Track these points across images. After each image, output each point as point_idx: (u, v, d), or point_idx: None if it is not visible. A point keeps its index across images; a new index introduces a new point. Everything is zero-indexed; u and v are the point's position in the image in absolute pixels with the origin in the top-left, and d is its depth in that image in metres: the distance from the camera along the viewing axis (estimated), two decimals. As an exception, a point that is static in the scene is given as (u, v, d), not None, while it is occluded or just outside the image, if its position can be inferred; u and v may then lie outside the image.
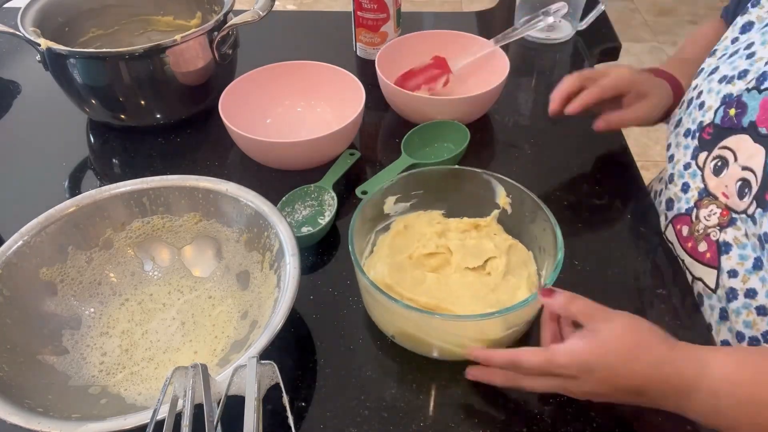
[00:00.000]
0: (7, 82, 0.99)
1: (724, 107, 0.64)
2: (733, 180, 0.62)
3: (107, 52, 0.79)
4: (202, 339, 0.60)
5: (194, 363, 0.45)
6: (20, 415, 0.46)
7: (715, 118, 0.65)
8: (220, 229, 0.65)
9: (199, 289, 0.64)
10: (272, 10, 0.83)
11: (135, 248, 0.65)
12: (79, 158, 0.85)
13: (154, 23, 0.96)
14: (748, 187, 0.60)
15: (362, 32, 0.95)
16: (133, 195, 0.64)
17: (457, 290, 0.59)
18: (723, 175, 0.63)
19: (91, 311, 0.61)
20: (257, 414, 0.42)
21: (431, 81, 0.89)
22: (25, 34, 0.78)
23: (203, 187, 0.64)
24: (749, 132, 0.61)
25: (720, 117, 0.65)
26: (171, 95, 0.84)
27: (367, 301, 0.60)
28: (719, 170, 0.64)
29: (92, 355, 0.59)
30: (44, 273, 0.59)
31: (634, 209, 0.76)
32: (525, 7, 1.03)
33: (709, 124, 0.66)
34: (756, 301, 0.59)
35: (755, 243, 0.59)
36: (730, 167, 0.63)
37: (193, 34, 0.79)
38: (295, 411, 0.55)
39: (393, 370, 0.59)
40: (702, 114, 0.67)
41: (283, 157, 0.77)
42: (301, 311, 0.63)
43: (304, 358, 0.59)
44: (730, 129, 0.63)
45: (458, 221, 0.66)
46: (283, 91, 0.86)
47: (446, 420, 0.55)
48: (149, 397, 0.55)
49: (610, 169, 0.81)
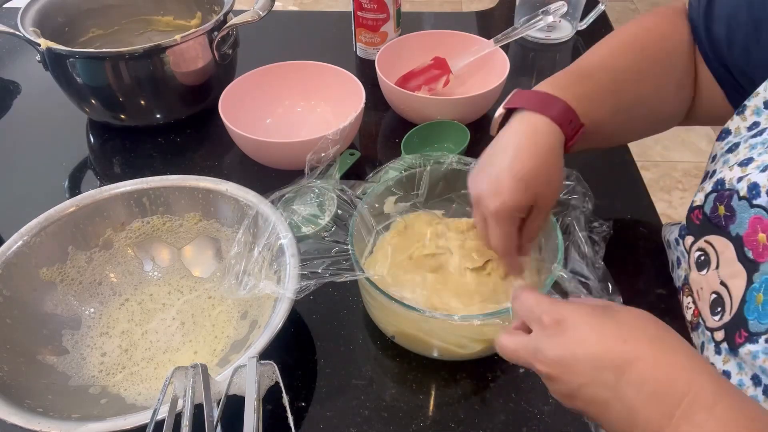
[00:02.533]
0: (7, 82, 0.99)
1: (715, 198, 0.54)
2: (709, 290, 0.53)
3: (107, 52, 0.79)
4: (202, 339, 0.60)
5: (194, 363, 0.45)
6: (20, 415, 0.46)
7: (705, 204, 0.55)
8: (220, 229, 0.65)
9: (198, 289, 0.64)
10: (272, 10, 0.83)
11: (135, 248, 0.65)
12: (79, 158, 0.85)
13: (154, 23, 0.96)
14: (721, 306, 0.51)
15: (362, 32, 0.95)
16: (133, 195, 0.64)
17: (457, 290, 0.59)
18: (704, 273, 0.54)
19: (91, 311, 0.61)
20: (257, 414, 0.42)
21: (431, 81, 0.89)
22: (25, 34, 0.78)
23: (203, 187, 0.64)
24: (735, 245, 0.51)
25: (710, 207, 0.55)
26: (171, 95, 0.84)
27: (367, 301, 0.60)
28: (701, 266, 0.55)
29: (92, 355, 0.58)
30: (44, 273, 0.59)
31: (634, 209, 0.75)
32: (525, 6, 1.03)
33: (699, 207, 0.56)
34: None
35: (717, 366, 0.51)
36: (710, 272, 0.53)
37: (193, 34, 0.79)
38: (295, 411, 0.55)
39: (393, 370, 0.59)
40: (697, 191, 0.57)
41: (283, 157, 0.77)
42: (301, 311, 0.63)
43: (304, 358, 0.59)
44: (717, 227, 0.53)
45: (458, 221, 0.66)
46: (283, 91, 0.86)
47: (446, 420, 0.54)
48: (149, 397, 0.55)
49: (610, 169, 0.81)
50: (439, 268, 0.62)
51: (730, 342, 0.50)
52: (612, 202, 0.76)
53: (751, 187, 0.49)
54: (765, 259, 0.48)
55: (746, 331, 0.48)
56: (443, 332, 0.55)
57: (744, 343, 0.48)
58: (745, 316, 0.49)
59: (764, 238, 0.48)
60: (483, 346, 0.56)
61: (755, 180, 0.49)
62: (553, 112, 0.55)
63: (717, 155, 0.59)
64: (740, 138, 0.56)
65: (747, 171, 0.51)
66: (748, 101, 0.55)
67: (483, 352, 0.57)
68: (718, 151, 0.59)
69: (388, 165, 0.68)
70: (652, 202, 0.76)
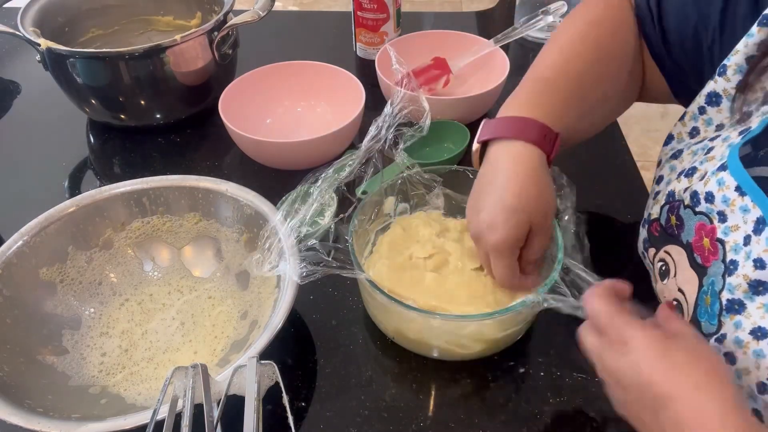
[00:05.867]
0: (7, 82, 0.99)
1: (667, 210, 0.55)
2: (671, 296, 0.54)
3: (107, 52, 0.79)
4: (202, 339, 0.60)
5: (194, 363, 0.45)
6: (20, 415, 0.46)
7: (661, 217, 0.56)
8: (220, 229, 0.65)
9: (198, 289, 0.64)
10: (272, 10, 0.83)
11: (135, 248, 0.65)
12: (79, 158, 0.85)
13: (154, 23, 0.96)
14: (681, 312, 0.52)
15: (362, 32, 0.95)
16: (133, 195, 0.64)
17: (457, 290, 0.59)
18: (665, 282, 0.55)
19: (91, 311, 0.61)
20: (257, 414, 0.42)
21: (431, 81, 0.89)
22: (25, 34, 0.78)
23: (203, 187, 0.64)
24: (687, 251, 0.52)
25: (664, 219, 0.55)
26: (171, 95, 0.84)
27: (367, 301, 0.60)
28: (663, 275, 0.55)
29: (92, 355, 0.58)
30: (44, 273, 0.59)
31: (634, 209, 0.75)
32: (525, 6, 1.03)
33: (656, 220, 0.57)
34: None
35: None
36: (670, 280, 0.54)
37: (193, 34, 0.79)
38: (295, 411, 0.55)
39: (393, 370, 0.59)
40: (652, 205, 0.58)
41: (283, 157, 0.77)
42: (301, 311, 0.63)
43: (304, 358, 0.59)
44: (672, 237, 0.54)
45: (458, 221, 0.66)
46: (283, 91, 0.86)
47: (446, 420, 0.55)
48: (149, 397, 0.55)
49: (610, 169, 0.81)
50: (439, 268, 0.62)
51: None
52: (612, 202, 0.76)
53: (693, 195, 0.50)
54: (710, 263, 0.49)
55: (701, 333, 0.49)
56: (443, 332, 0.55)
57: None
58: (698, 319, 0.49)
59: (708, 242, 0.49)
60: (483, 346, 0.56)
61: (695, 188, 0.50)
62: (528, 135, 0.55)
63: (662, 161, 0.60)
64: (683, 144, 0.58)
65: (692, 181, 0.52)
66: (688, 107, 0.57)
67: (483, 352, 0.57)
68: (663, 157, 0.60)
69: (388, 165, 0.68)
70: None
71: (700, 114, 0.56)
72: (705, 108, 0.56)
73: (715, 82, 0.54)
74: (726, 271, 0.47)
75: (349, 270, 0.54)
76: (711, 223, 0.49)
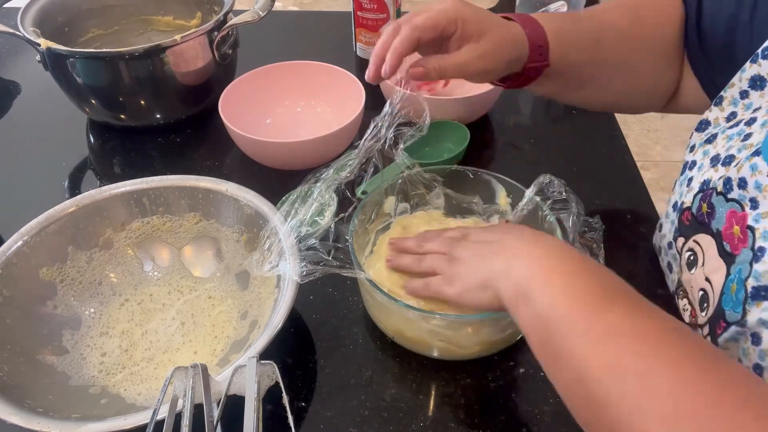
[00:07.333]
0: (7, 82, 0.99)
1: (700, 198, 0.55)
2: (697, 286, 0.54)
3: (107, 52, 0.79)
4: (202, 339, 0.60)
5: (194, 363, 0.45)
6: (20, 415, 0.46)
7: (693, 205, 0.56)
8: (220, 229, 0.65)
9: (198, 289, 0.64)
10: (272, 10, 0.83)
11: (135, 248, 0.65)
12: (79, 158, 0.85)
13: (154, 23, 0.96)
14: (706, 302, 0.52)
15: (362, 32, 0.95)
16: (133, 195, 0.64)
17: (457, 290, 0.59)
18: (693, 272, 0.55)
19: (91, 311, 0.61)
20: (257, 414, 0.42)
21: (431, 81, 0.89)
22: (25, 34, 0.78)
23: (203, 187, 0.64)
24: (716, 240, 0.52)
25: (696, 207, 0.56)
26: (171, 95, 0.84)
27: (367, 301, 0.60)
28: (690, 266, 0.55)
29: (92, 355, 0.58)
30: (44, 273, 0.59)
31: (634, 209, 0.75)
32: (525, 6, 1.03)
33: (688, 209, 0.57)
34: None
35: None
36: (697, 269, 0.54)
37: (193, 34, 0.79)
38: (295, 411, 0.55)
39: (393, 370, 0.59)
40: (685, 193, 0.58)
41: (283, 157, 0.77)
42: (301, 311, 0.63)
43: (304, 358, 0.59)
44: (702, 225, 0.55)
45: (458, 221, 0.66)
46: (283, 91, 0.86)
47: (446, 420, 0.55)
48: (149, 397, 0.55)
49: (610, 169, 0.81)
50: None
51: (713, 335, 0.51)
52: (612, 202, 0.76)
53: (726, 182, 0.51)
54: (739, 251, 0.49)
55: (724, 321, 0.49)
56: (443, 332, 0.55)
57: (722, 334, 0.49)
58: (723, 308, 0.49)
59: (738, 230, 0.49)
60: (483, 346, 0.56)
61: (729, 175, 0.51)
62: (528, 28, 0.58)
63: (696, 145, 0.60)
64: (718, 129, 0.57)
65: (729, 170, 0.52)
66: (724, 92, 0.57)
67: (483, 352, 0.57)
68: (696, 141, 0.60)
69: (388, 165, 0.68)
70: (652, 203, 0.76)
71: (742, 98, 0.55)
72: (748, 92, 0.54)
73: (759, 66, 0.52)
74: (754, 258, 0.47)
75: (349, 270, 0.54)
76: (742, 210, 0.49)
